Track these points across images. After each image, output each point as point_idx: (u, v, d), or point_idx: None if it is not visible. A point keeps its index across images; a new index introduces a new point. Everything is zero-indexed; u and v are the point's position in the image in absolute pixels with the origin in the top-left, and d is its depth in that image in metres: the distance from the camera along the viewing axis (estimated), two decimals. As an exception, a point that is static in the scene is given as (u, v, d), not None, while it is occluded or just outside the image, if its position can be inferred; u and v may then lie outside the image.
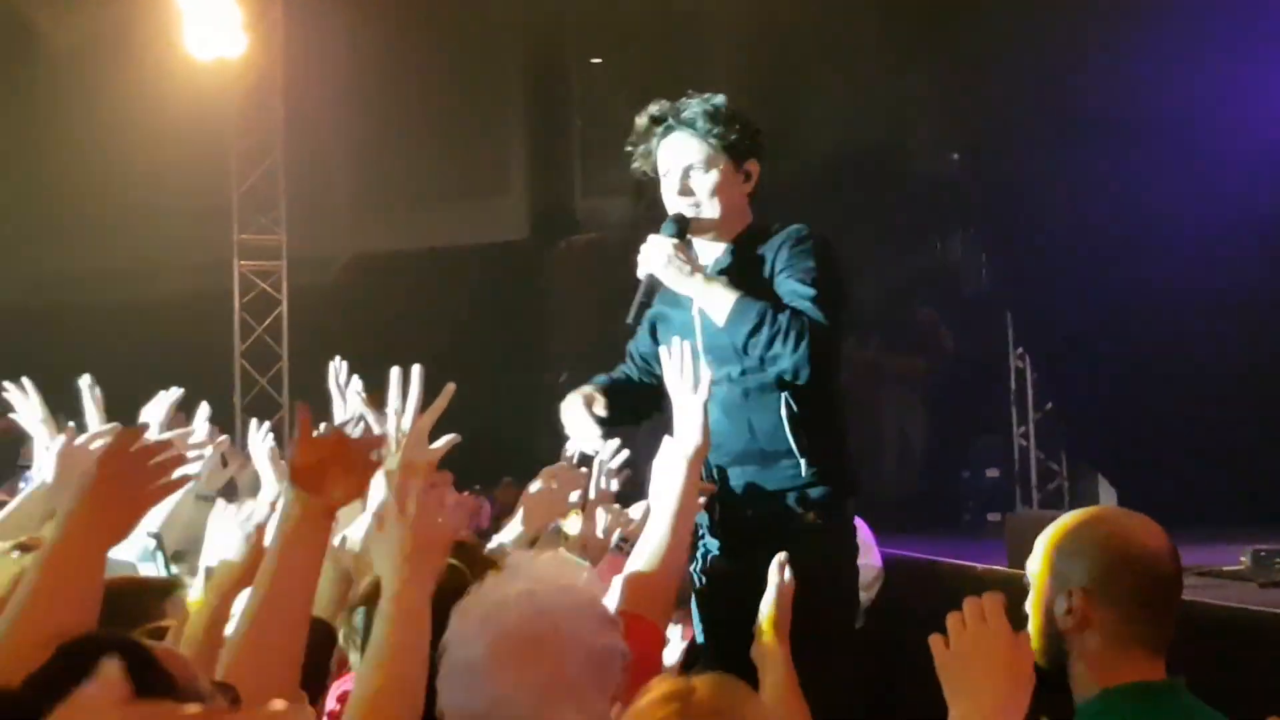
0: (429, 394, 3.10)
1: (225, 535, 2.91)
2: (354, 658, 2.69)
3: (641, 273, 3.63)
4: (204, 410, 3.80)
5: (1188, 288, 9.10)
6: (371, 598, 2.46)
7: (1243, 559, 6.11)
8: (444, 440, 3.10)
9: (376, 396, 3.17)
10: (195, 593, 3.03)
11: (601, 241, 10.63)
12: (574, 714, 2.06)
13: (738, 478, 3.57)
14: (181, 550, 3.68)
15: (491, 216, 12.27)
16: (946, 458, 11.22)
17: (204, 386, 4.35)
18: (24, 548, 2.81)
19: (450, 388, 3.10)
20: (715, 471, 3.57)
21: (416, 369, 3.11)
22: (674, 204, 3.68)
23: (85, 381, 3.72)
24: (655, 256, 3.60)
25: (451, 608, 2.21)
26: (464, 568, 2.55)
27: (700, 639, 3.60)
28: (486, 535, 4.31)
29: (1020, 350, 10.78)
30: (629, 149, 3.80)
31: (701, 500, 3.34)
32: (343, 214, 12.31)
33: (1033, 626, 2.55)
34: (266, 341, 11.62)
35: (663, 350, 3.33)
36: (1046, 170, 9.57)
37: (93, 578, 2.21)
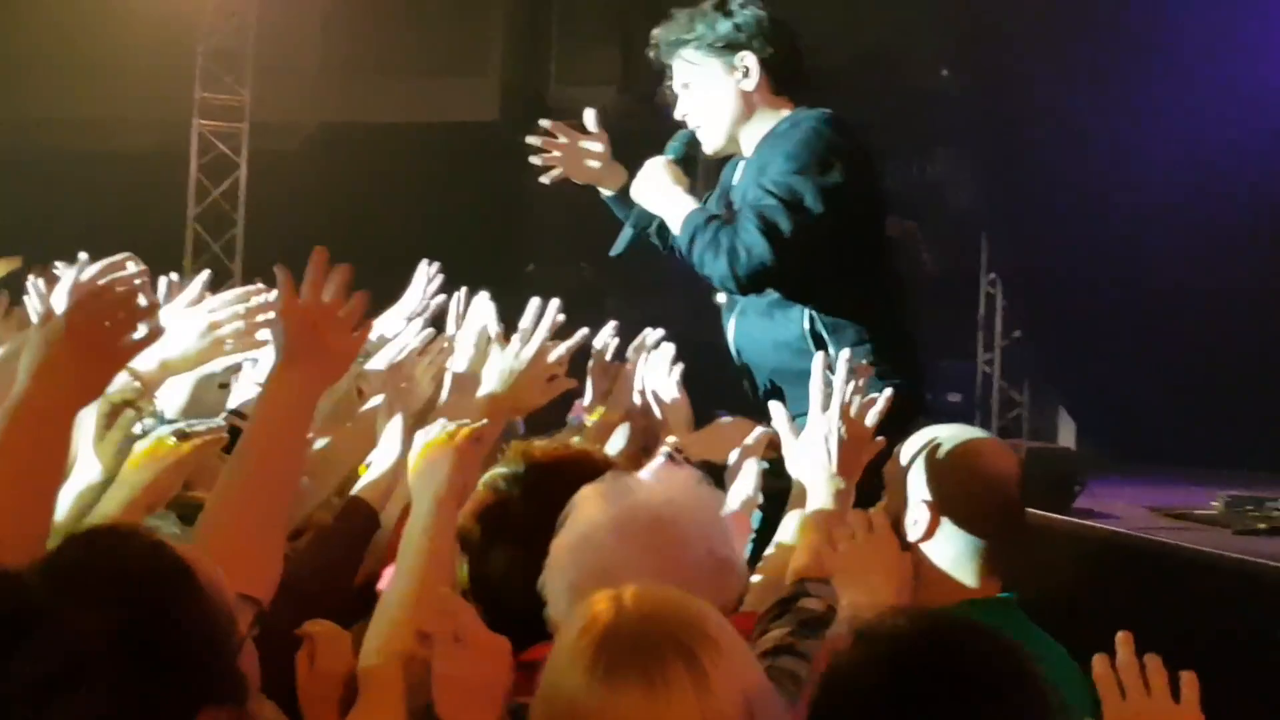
0: (388, 273, 2.89)
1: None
2: None
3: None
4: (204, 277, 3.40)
5: (1169, 226, 9.00)
6: None
7: (1215, 504, 6.02)
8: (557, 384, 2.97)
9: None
10: None
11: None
12: None
13: (777, 397, 3.24)
14: None
15: (463, 96, 11.91)
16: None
17: (154, 247, 4.11)
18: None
19: (584, 332, 2.99)
20: (759, 390, 3.37)
21: (555, 303, 2.92)
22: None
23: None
24: (640, 175, 3.46)
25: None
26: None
27: None
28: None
29: (993, 275, 10.63)
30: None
31: None
32: (311, 80, 11.89)
33: None
34: (222, 206, 11.27)
35: None
36: (1038, 95, 9.40)
37: (62, 441, 2.02)
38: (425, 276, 3.47)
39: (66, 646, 1.41)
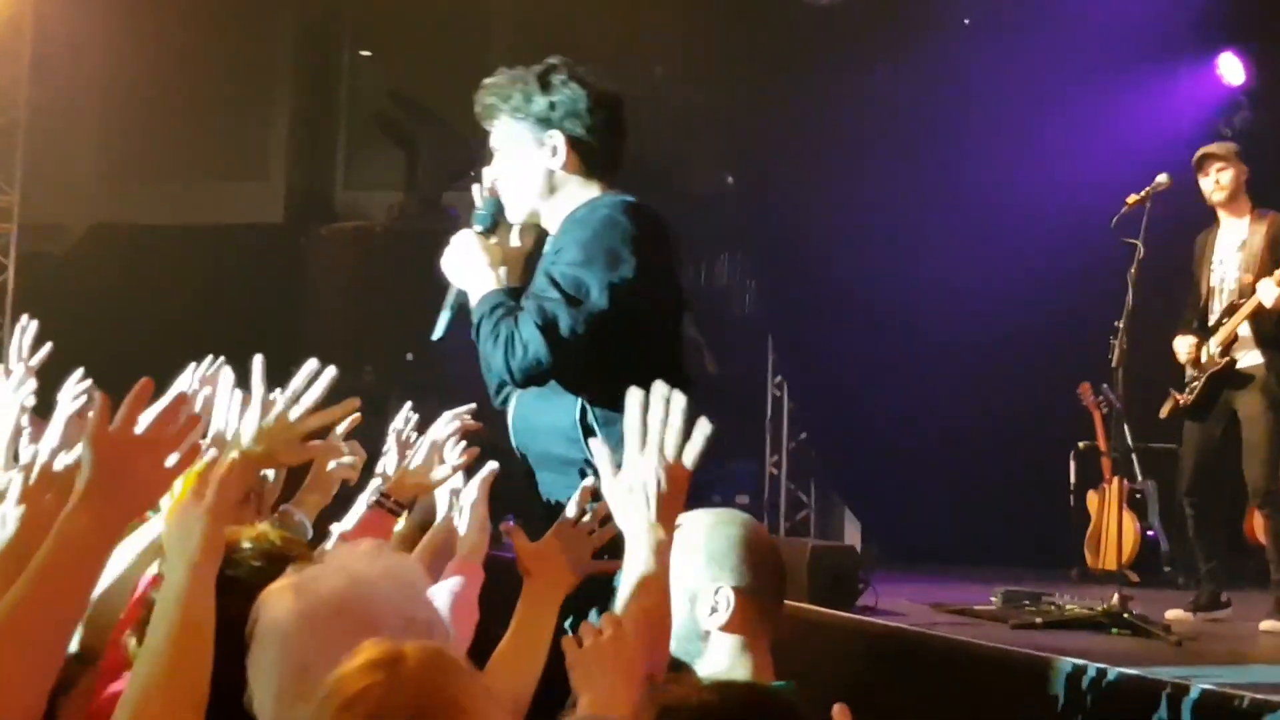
0: (166, 379, 2.75)
1: None
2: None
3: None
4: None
5: (945, 330, 9.25)
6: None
7: (993, 598, 6.16)
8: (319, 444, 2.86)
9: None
10: None
11: (367, 230, 10.22)
12: None
13: (540, 485, 3.24)
14: None
15: (247, 199, 11.71)
16: (698, 480, 11.12)
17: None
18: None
19: (355, 401, 2.82)
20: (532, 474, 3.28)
21: (331, 369, 2.73)
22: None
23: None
24: (448, 249, 3.33)
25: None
26: None
27: None
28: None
29: (778, 378, 10.79)
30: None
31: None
32: (86, 181, 11.55)
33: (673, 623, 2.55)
34: (-12, 310, 10.80)
35: None
36: (817, 201, 9.60)
37: (98, 568, 2.09)
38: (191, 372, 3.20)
39: None
